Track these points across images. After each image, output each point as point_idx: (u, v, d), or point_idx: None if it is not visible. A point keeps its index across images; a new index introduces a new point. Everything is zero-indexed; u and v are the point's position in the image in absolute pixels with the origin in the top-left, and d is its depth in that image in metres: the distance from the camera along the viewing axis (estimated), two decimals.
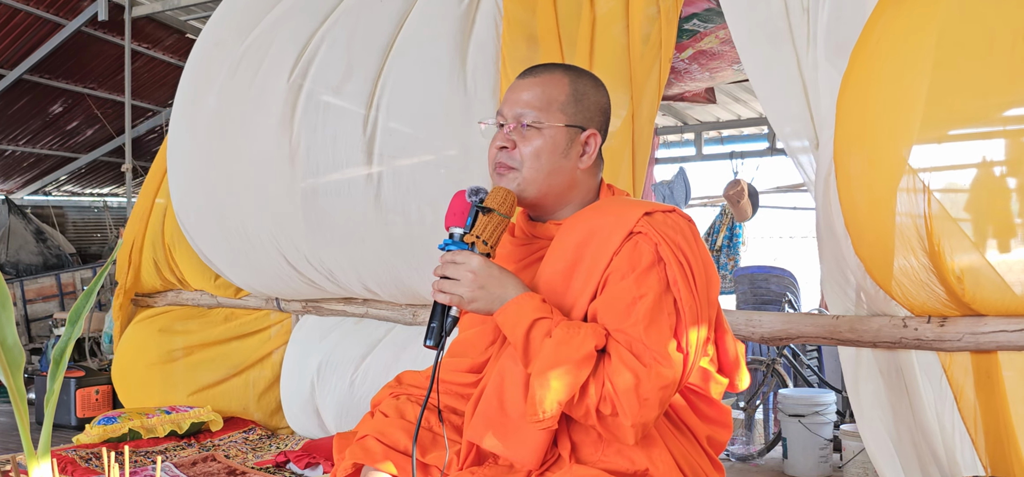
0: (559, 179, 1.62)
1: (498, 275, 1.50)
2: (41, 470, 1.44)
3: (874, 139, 2.02)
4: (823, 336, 2.47)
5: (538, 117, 1.61)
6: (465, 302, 1.50)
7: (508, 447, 1.50)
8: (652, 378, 1.40)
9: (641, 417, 1.40)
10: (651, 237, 1.47)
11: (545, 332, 1.44)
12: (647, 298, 1.43)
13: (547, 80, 1.64)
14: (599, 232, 1.51)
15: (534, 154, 1.60)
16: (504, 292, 1.49)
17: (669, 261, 1.46)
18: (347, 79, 3.29)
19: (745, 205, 6.78)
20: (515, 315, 1.47)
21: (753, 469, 4.04)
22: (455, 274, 1.50)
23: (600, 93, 1.69)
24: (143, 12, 6.26)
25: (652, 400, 1.40)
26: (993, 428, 2.04)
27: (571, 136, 1.62)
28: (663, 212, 1.52)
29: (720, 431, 1.63)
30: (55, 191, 10.30)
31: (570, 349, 1.40)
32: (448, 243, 1.55)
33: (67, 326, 1.51)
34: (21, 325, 7.68)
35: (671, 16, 2.92)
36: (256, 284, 3.92)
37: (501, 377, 1.54)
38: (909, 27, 2.00)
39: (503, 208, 1.55)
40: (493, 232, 1.54)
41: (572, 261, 1.52)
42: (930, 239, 1.93)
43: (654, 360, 1.41)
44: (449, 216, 1.57)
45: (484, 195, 1.56)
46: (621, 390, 1.39)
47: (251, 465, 3.41)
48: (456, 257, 1.51)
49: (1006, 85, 1.84)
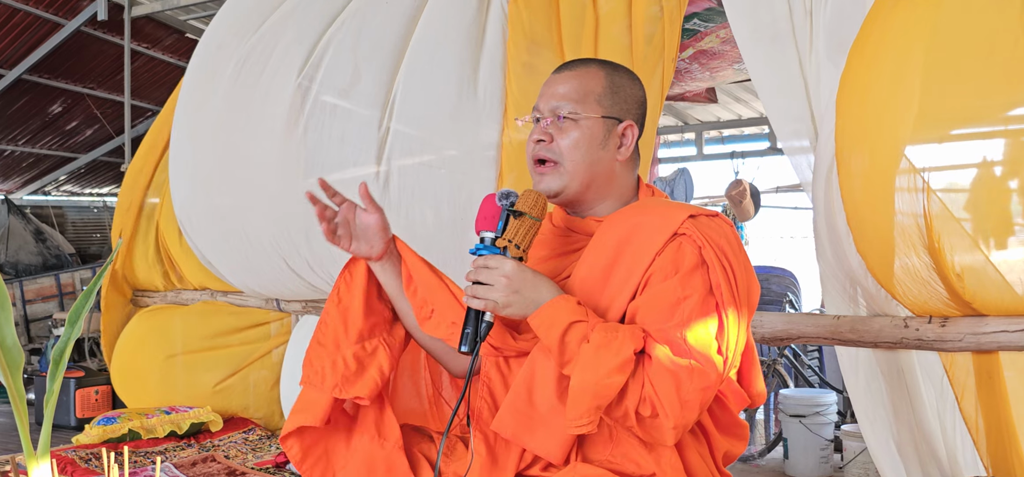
0: (598, 170, 1.61)
1: (532, 279, 1.48)
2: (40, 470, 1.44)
3: (875, 137, 2.02)
4: (824, 336, 2.46)
5: (575, 109, 1.60)
6: (499, 307, 1.47)
7: (534, 440, 1.49)
8: (694, 380, 1.39)
9: (683, 419, 1.39)
10: (695, 239, 1.46)
11: (581, 336, 1.42)
12: (691, 300, 1.43)
13: (583, 73, 1.64)
14: (641, 231, 1.49)
15: (572, 146, 1.59)
16: (539, 296, 1.47)
17: (713, 264, 1.45)
18: (355, 81, 3.28)
19: (747, 205, 6.78)
20: (550, 318, 1.45)
21: (754, 469, 4.04)
22: (488, 279, 1.47)
23: (636, 86, 1.68)
24: (142, 12, 6.25)
25: (693, 402, 1.39)
26: (994, 429, 2.04)
27: (608, 127, 1.62)
28: (707, 216, 1.51)
29: (736, 444, 1.62)
30: (54, 191, 10.29)
31: (610, 353, 1.39)
32: (480, 248, 1.52)
33: (66, 326, 1.51)
34: (20, 325, 7.68)
35: (674, 16, 2.91)
36: (256, 286, 3.91)
37: (532, 371, 1.52)
38: (909, 25, 1.99)
39: (534, 211, 1.53)
40: (525, 236, 1.52)
41: (612, 259, 1.51)
42: (930, 237, 1.93)
43: (697, 362, 1.40)
44: (479, 220, 1.54)
45: (515, 198, 1.54)
46: (662, 392, 1.38)
47: (251, 465, 3.40)
48: (489, 262, 1.48)
49: (1006, 85, 1.84)
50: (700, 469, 1.54)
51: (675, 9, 2.92)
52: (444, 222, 3.10)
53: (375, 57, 3.28)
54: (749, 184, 6.91)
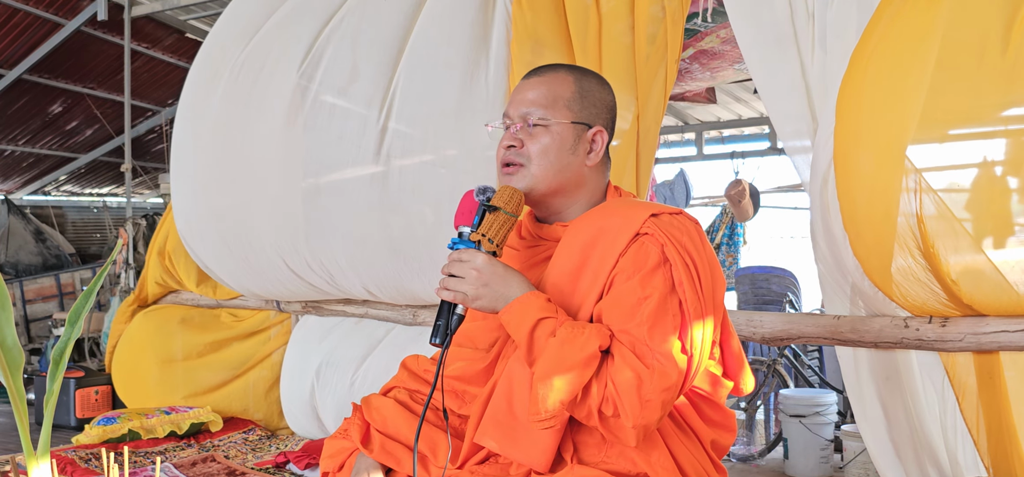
0: (568, 176, 1.62)
1: (502, 273, 1.50)
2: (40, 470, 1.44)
3: (874, 139, 2.02)
4: (824, 336, 2.46)
5: (544, 115, 1.62)
6: (469, 299, 1.50)
7: (518, 450, 1.50)
8: (655, 379, 1.39)
9: (643, 419, 1.39)
10: (657, 238, 1.47)
11: (549, 331, 1.44)
12: (652, 299, 1.43)
13: (552, 78, 1.65)
14: (606, 233, 1.50)
15: (542, 151, 1.61)
16: (508, 290, 1.49)
17: (675, 262, 1.46)
18: (353, 79, 3.28)
19: (746, 205, 6.77)
20: (519, 314, 1.47)
21: (754, 470, 4.03)
22: (460, 271, 1.50)
23: (605, 91, 1.69)
24: (142, 12, 6.25)
25: (654, 402, 1.40)
26: (995, 429, 2.04)
27: (578, 132, 1.63)
28: (669, 214, 1.52)
29: (724, 435, 1.63)
30: (54, 191, 10.29)
31: (574, 349, 1.40)
32: (456, 242, 1.55)
33: (66, 326, 1.51)
34: (20, 325, 7.68)
35: (677, 17, 2.91)
36: (256, 288, 3.91)
37: (510, 380, 1.54)
38: (909, 28, 2.00)
39: (509, 206, 1.55)
40: (499, 230, 1.54)
41: (579, 262, 1.52)
42: (924, 239, 1.93)
43: (657, 361, 1.40)
44: (458, 215, 1.58)
45: (491, 194, 1.56)
46: (623, 391, 1.39)
47: (251, 466, 3.40)
48: (462, 255, 1.52)
49: (1006, 84, 1.85)
50: (692, 465, 1.54)
51: (677, 10, 2.92)
52: (444, 221, 3.10)
53: (374, 54, 3.28)
54: (749, 184, 6.90)
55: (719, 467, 1.63)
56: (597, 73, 1.73)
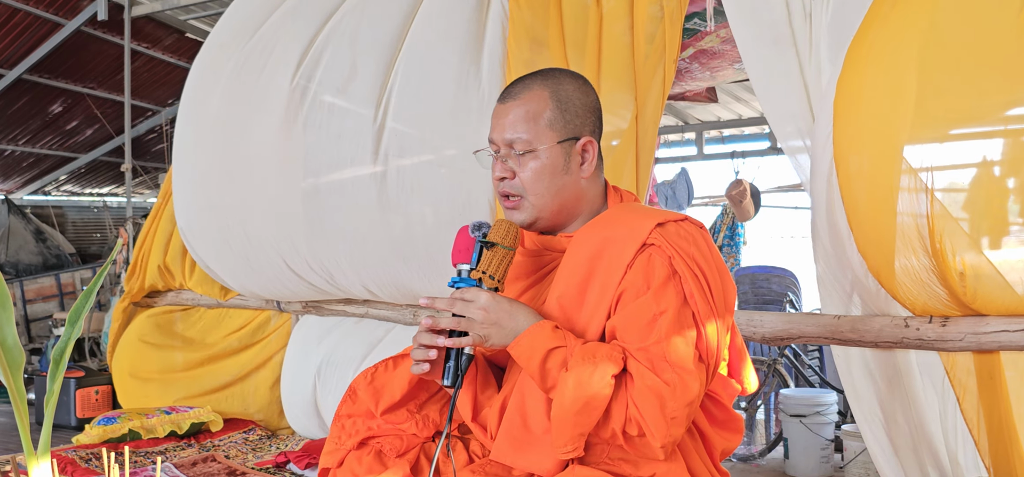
0: (566, 196, 1.61)
1: (508, 308, 1.48)
2: (41, 470, 1.44)
3: (874, 138, 2.02)
4: (825, 336, 2.46)
5: (528, 141, 1.59)
6: (479, 340, 1.48)
7: (536, 463, 1.50)
8: (678, 396, 1.39)
9: (670, 436, 1.39)
10: (665, 250, 1.45)
11: (561, 362, 1.42)
12: (667, 315, 1.42)
13: (528, 98, 1.61)
14: (612, 244, 1.49)
15: (534, 178, 1.59)
16: (516, 324, 1.47)
17: (684, 274, 1.44)
18: (352, 78, 3.28)
19: (747, 205, 6.76)
20: (529, 348, 1.45)
21: (754, 469, 4.03)
22: (466, 311, 1.48)
23: (585, 93, 1.64)
24: (143, 12, 6.25)
25: (680, 417, 1.39)
26: (995, 429, 2.04)
27: (566, 150, 1.60)
28: (675, 222, 1.50)
29: (732, 437, 1.62)
30: (55, 191, 10.29)
31: (591, 383, 1.39)
32: (456, 280, 1.53)
33: (67, 326, 1.51)
34: (21, 325, 7.68)
35: (675, 17, 2.91)
36: (256, 288, 3.91)
37: (522, 395, 1.53)
38: (906, 25, 1.99)
39: (506, 241, 1.54)
40: (499, 266, 1.53)
41: (585, 276, 1.50)
42: (932, 238, 1.93)
43: (678, 378, 1.39)
44: (455, 252, 1.56)
45: (487, 229, 1.55)
46: (647, 413, 1.38)
47: (251, 465, 3.40)
48: (465, 294, 1.50)
49: (1005, 84, 1.85)
50: (699, 468, 1.54)
51: (676, 10, 2.92)
52: (443, 221, 3.10)
53: (372, 52, 3.28)
54: (749, 184, 6.89)
55: (722, 470, 1.63)
56: (571, 72, 1.67)
